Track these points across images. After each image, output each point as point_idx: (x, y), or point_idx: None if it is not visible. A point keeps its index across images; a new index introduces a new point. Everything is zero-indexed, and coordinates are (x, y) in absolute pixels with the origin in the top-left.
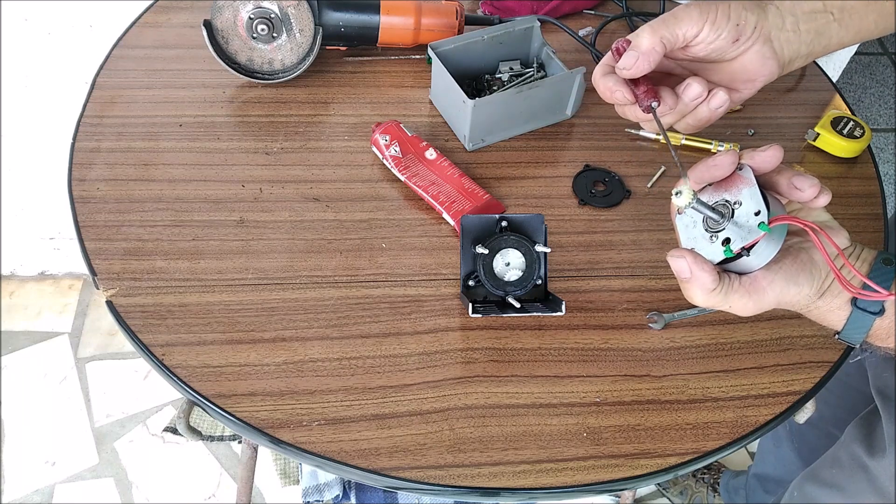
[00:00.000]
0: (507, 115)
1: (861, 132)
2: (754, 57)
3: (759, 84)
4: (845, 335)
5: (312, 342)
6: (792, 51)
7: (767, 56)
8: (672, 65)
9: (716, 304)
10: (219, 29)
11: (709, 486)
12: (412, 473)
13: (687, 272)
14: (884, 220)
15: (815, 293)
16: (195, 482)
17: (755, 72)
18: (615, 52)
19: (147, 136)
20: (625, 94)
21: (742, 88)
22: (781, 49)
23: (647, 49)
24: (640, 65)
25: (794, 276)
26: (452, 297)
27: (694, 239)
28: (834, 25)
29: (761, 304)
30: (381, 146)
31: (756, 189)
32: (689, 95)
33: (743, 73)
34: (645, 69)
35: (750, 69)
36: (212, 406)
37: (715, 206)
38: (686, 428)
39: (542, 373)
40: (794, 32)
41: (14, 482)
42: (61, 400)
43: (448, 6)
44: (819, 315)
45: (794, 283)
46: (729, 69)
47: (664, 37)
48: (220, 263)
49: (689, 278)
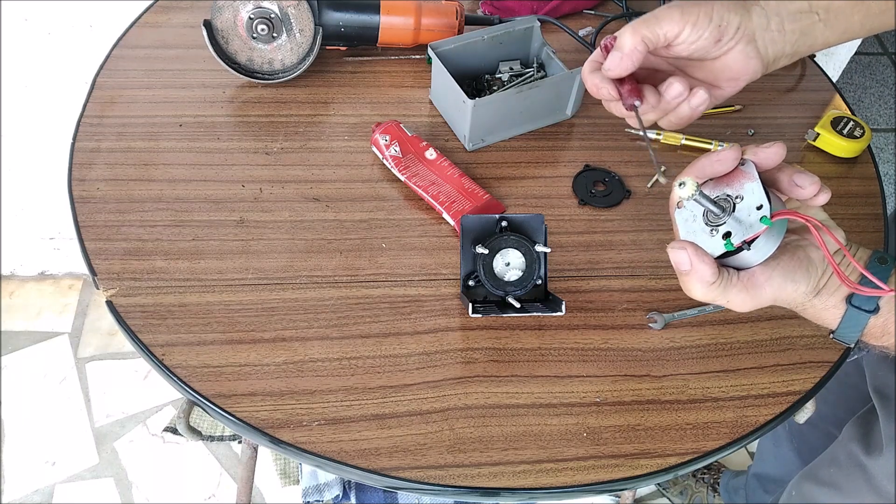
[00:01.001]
0: (507, 115)
1: (861, 132)
2: (738, 56)
3: (742, 82)
4: (840, 334)
5: (312, 342)
6: (776, 50)
7: (751, 56)
8: (658, 61)
9: (714, 297)
10: (219, 29)
11: (709, 486)
12: (412, 473)
13: (687, 264)
14: (884, 220)
15: (812, 290)
16: (195, 482)
17: (739, 70)
18: (603, 49)
19: (147, 136)
20: (610, 91)
21: (725, 86)
22: (766, 48)
23: (629, 50)
24: (623, 65)
25: (792, 273)
26: (452, 297)
27: (694, 233)
28: (819, 25)
29: (759, 300)
30: (381, 146)
31: (759, 184)
32: (671, 94)
33: (726, 72)
34: (629, 68)
35: (734, 68)
36: (212, 406)
37: (717, 200)
38: (686, 428)
39: (542, 373)
40: (778, 32)
41: (14, 482)
42: (61, 400)
43: (448, 6)
44: (814, 313)
45: (792, 279)
46: (713, 67)
47: (645, 37)
48: (220, 263)
49: (689, 270)
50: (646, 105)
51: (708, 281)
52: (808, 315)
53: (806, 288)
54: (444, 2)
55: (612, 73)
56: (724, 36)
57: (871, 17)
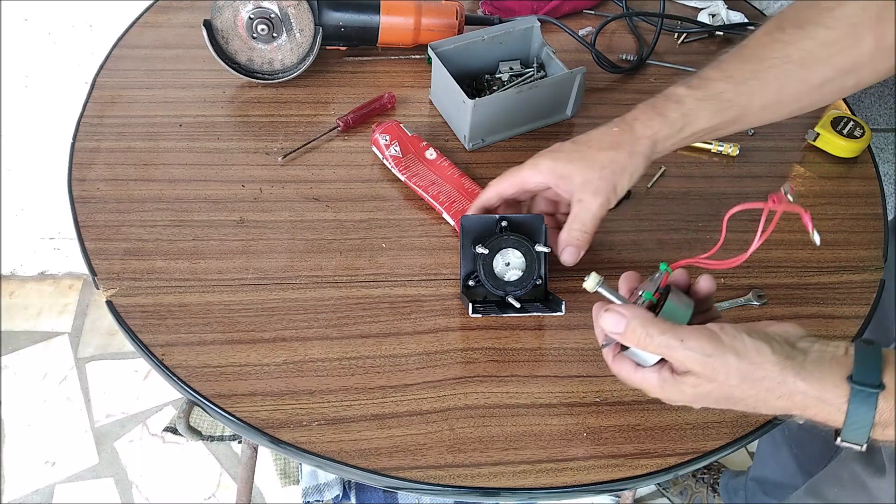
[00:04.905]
0: (507, 115)
1: (861, 132)
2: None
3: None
4: (848, 431)
5: (312, 342)
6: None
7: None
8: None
9: (667, 345)
10: (219, 29)
11: (709, 486)
12: (412, 473)
13: (622, 320)
14: (884, 220)
15: (783, 359)
16: (195, 482)
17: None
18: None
19: (147, 136)
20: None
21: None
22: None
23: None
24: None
25: (749, 330)
26: (452, 297)
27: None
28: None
29: (721, 351)
30: (381, 146)
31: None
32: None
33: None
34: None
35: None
36: (212, 406)
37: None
38: (686, 428)
39: (542, 373)
40: (669, 145)
41: (14, 482)
42: (61, 400)
43: (448, 6)
44: (804, 403)
45: (750, 335)
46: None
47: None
48: (220, 263)
49: (628, 319)
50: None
51: (649, 315)
52: (796, 409)
53: (770, 353)
54: (444, 2)
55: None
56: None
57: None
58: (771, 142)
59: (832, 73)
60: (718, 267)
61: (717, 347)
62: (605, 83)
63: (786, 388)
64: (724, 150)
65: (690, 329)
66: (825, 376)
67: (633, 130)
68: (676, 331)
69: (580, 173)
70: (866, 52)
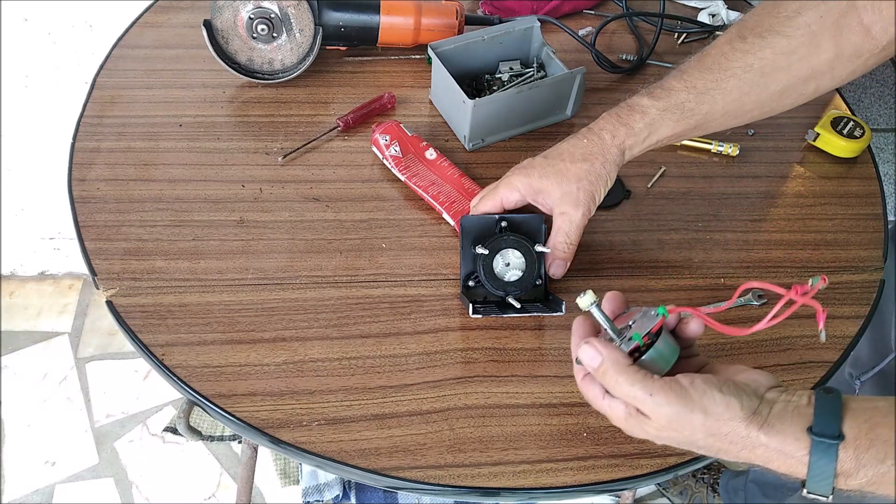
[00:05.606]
0: (507, 115)
1: (861, 132)
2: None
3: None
4: (812, 483)
5: (312, 342)
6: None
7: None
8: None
9: (635, 393)
10: (219, 29)
11: (709, 486)
12: (412, 473)
13: (598, 355)
14: (884, 220)
15: (750, 415)
16: (195, 482)
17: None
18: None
19: (147, 136)
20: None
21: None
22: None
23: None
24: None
25: (720, 385)
26: (452, 297)
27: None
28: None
29: (686, 402)
30: (381, 146)
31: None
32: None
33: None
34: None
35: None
36: (212, 406)
37: (619, 328)
38: None
39: (542, 373)
40: (636, 151)
41: (14, 482)
42: (61, 400)
43: (448, 6)
44: (766, 456)
45: (719, 390)
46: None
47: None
48: (220, 263)
49: (603, 358)
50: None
51: (624, 362)
52: (759, 461)
53: (740, 409)
54: (444, 2)
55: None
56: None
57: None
58: (771, 142)
59: (792, 81)
60: (721, 330)
61: (686, 405)
62: (605, 83)
63: (749, 442)
64: (724, 150)
65: (660, 384)
66: (786, 429)
67: (602, 141)
68: (646, 384)
69: (558, 187)
70: (825, 60)
